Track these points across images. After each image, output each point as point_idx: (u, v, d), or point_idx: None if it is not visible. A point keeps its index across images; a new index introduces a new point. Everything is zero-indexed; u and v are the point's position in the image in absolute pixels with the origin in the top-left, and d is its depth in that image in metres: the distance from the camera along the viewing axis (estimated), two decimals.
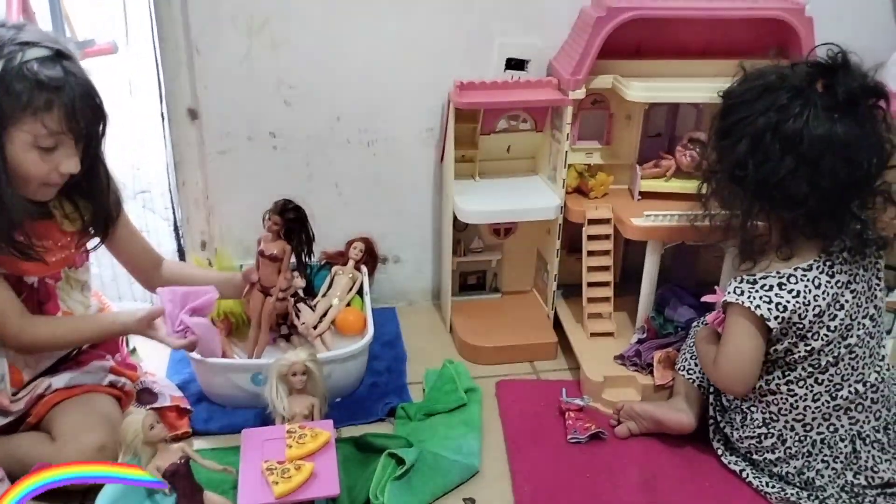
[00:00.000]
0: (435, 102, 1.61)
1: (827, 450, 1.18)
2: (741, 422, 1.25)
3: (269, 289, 1.42)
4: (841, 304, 1.15)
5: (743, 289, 1.16)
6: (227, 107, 1.56)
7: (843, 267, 1.16)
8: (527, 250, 1.76)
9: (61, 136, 1.10)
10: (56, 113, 1.07)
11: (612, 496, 1.21)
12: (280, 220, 1.38)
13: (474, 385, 1.47)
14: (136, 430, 1.13)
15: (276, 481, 1.05)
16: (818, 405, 1.18)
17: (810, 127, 1.08)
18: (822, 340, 1.15)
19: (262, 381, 1.31)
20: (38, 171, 1.10)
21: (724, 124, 1.18)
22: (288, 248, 1.40)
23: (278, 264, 1.40)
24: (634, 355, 1.45)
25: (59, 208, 1.22)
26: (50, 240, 1.21)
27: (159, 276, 1.40)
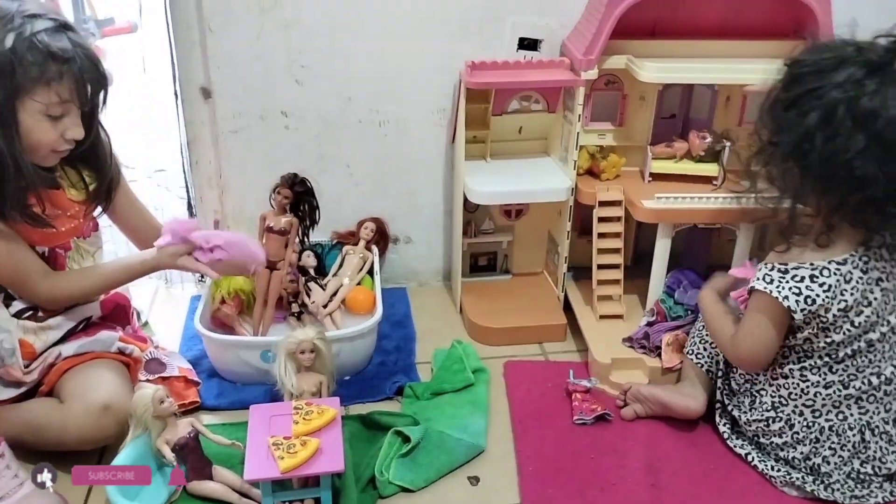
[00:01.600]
0: (447, 83, 1.60)
1: (835, 437, 1.17)
2: (749, 405, 1.24)
3: (276, 263, 1.43)
4: (869, 301, 1.13)
5: (773, 277, 1.14)
6: (239, 86, 1.57)
7: (878, 264, 1.13)
8: (538, 232, 1.75)
9: (69, 105, 1.14)
10: (66, 82, 1.12)
11: (617, 477, 1.21)
12: (290, 193, 1.40)
13: (482, 365, 1.47)
14: (146, 404, 1.15)
15: (282, 456, 1.07)
16: (829, 392, 1.17)
17: (886, 107, 1.03)
18: (844, 335, 1.13)
19: (271, 357, 1.32)
20: (47, 139, 1.15)
21: (790, 94, 1.10)
22: (296, 221, 1.42)
23: (286, 238, 1.42)
24: (643, 338, 1.44)
25: (64, 178, 1.25)
26: (60, 209, 1.24)
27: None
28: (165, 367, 1.37)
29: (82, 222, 1.29)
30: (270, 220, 1.43)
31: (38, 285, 1.22)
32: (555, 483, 1.20)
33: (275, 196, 1.42)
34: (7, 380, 1.23)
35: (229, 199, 1.68)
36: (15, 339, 1.20)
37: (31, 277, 1.22)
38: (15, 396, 1.24)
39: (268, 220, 1.43)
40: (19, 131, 1.11)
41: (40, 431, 1.20)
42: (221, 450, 1.20)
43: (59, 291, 1.25)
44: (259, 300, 1.47)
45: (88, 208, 1.29)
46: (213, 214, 1.71)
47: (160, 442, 1.16)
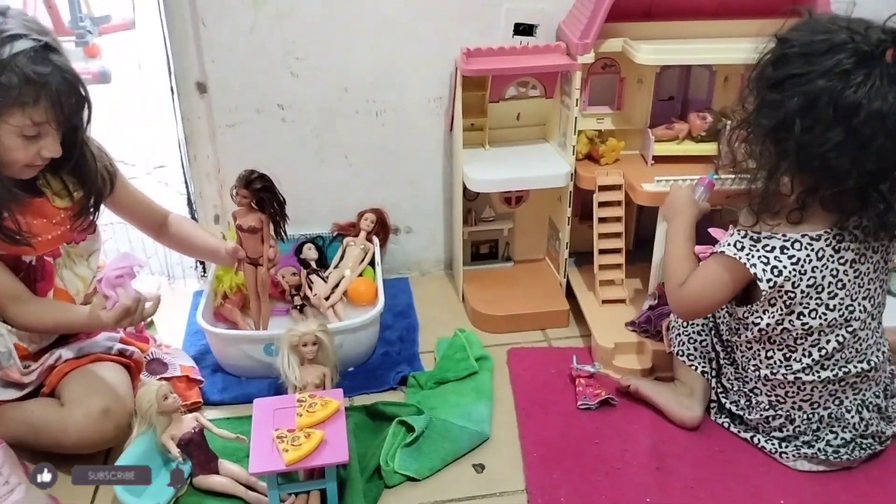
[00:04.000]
0: (443, 71, 1.60)
1: (835, 422, 1.18)
2: (746, 405, 1.24)
3: (258, 259, 1.44)
4: (843, 283, 1.12)
5: (744, 244, 1.13)
6: (234, 80, 1.56)
7: (853, 245, 1.11)
8: (538, 218, 1.75)
9: (45, 126, 1.13)
10: (42, 105, 1.10)
11: (622, 461, 1.21)
12: (247, 192, 1.39)
13: (486, 353, 1.47)
14: (150, 401, 1.16)
15: (287, 449, 1.07)
16: (824, 385, 1.17)
17: (870, 100, 0.99)
18: (821, 319, 1.12)
19: (274, 351, 1.33)
20: (22, 157, 1.14)
21: (778, 74, 1.07)
22: (264, 217, 1.41)
23: (259, 234, 1.42)
24: (645, 322, 1.44)
25: (47, 186, 1.24)
26: (44, 217, 1.23)
27: (166, 232, 1.45)
28: (167, 368, 1.37)
29: (69, 229, 1.27)
30: (239, 220, 1.42)
31: (7, 309, 1.21)
32: (560, 468, 1.20)
33: (234, 196, 1.41)
34: (7, 381, 1.23)
35: (228, 193, 1.68)
36: (10, 342, 1.21)
37: (2, 303, 1.21)
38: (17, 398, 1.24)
39: (238, 218, 1.43)
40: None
41: (40, 433, 1.21)
42: (227, 444, 1.21)
43: (24, 320, 1.22)
44: (252, 296, 1.48)
45: (75, 214, 1.27)
46: (213, 209, 1.71)
47: (165, 437, 1.17)
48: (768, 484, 1.17)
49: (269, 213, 1.41)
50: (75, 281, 1.33)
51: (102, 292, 1.15)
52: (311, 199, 1.69)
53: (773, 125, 1.08)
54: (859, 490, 1.15)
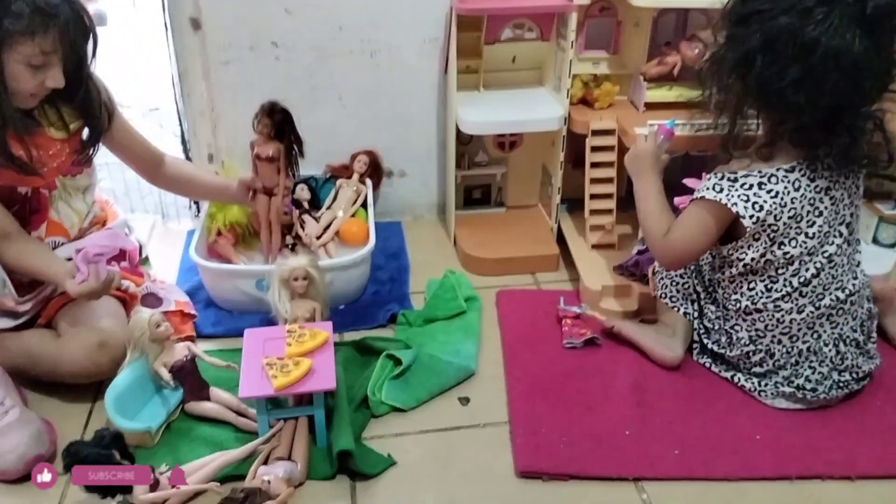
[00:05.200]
0: (438, 11, 1.58)
1: (813, 356, 1.20)
2: (727, 342, 1.26)
3: (272, 189, 1.47)
4: (819, 211, 1.14)
5: (723, 185, 1.14)
6: (228, 16, 1.55)
7: (825, 173, 1.14)
8: (532, 164, 1.75)
9: (51, 56, 1.14)
10: (51, 35, 1.12)
11: (604, 397, 1.24)
12: (269, 121, 1.42)
13: (474, 294, 1.49)
14: (142, 328, 1.18)
15: (276, 375, 1.09)
16: (803, 316, 1.19)
17: (828, 37, 1.02)
18: (801, 248, 1.15)
19: (265, 286, 1.34)
20: (28, 86, 1.15)
21: (744, 9, 1.10)
22: (282, 146, 1.44)
23: (276, 164, 1.44)
24: (633, 265, 1.45)
25: (44, 117, 1.25)
26: (41, 149, 1.24)
27: (163, 175, 1.45)
28: (162, 302, 1.39)
29: (65, 161, 1.28)
30: (258, 148, 1.44)
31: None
32: (542, 402, 1.23)
33: (256, 125, 1.44)
34: (1, 310, 1.25)
35: (222, 132, 1.68)
36: (3, 272, 1.22)
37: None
38: (13, 326, 1.27)
39: (256, 148, 1.45)
40: (4, 78, 1.13)
41: (37, 362, 1.24)
42: (218, 373, 1.23)
43: (4, 255, 1.23)
44: (263, 227, 1.50)
45: (72, 147, 1.28)
46: (207, 148, 1.71)
47: (158, 364, 1.19)
48: (746, 420, 1.20)
49: (286, 141, 1.44)
50: (70, 214, 1.34)
51: (76, 264, 1.16)
52: (304, 139, 1.69)
53: (736, 60, 1.11)
54: (834, 426, 1.18)
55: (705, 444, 1.15)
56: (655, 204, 1.25)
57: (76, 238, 1.35)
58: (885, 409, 1.22)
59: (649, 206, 1.26)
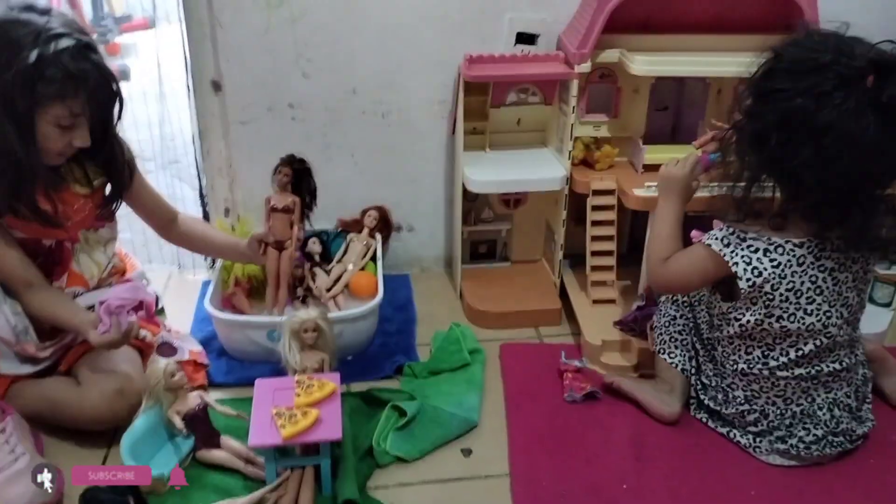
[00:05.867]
0: (447, 75, 1.67)
1: (807, 419, 1.23)
2: (723, 399, 1.29)
3: (284, 243, 1.52)
4: (821, 290, 1.16)
5: (731, 241, 1.18)
6: (248, 79, 1.64)
7: (833, 254, 1.15)
8: (536, 220, 1.81)
9: (80, 118, 1.22)
10: (80, 98, 1.20)
11: (603, 450, 1.27)
12: (290, 170, 1.48)
13: (479, 346, 1.54)
14: (158, 377, 1.23)
15: (284, 425, 1.13)
16: (797, 382, 1.22)
17: (842, 121, 1.03)
18: (799, 323, 1.17)
19: (276, 337, 1.39)
20: (56, 146, 1.23)
21: (764, 86, 1.12)
22: (298, 199, 1.50)
23: (290, 216, 1.50)
24: (632, 321, 1.50)
25: (69, 173, 1.32)
26: (66, 204, 1.31)
27: (175, 230, 1.52)
28: (176, 352, 1.43)
29: (88, 215, 1.35)
30: (274, 200, 1.51)
31: (19, 293, 1.29)
32: (543, 454, 1.26)
33: (276, 176, 1.50)
34: (23, 356, 1.30)
35: (239, 188, 1.76)
36: (26, 319, 1.28)
37: (13, 285, 1.28)
38: (34, 373, 1.32)
39: (272, 200, 1.51)
40: (35, 138, 1.20)
41: (58, 409, 1.29)
42: (229, 421, 1.27)
43: (30, 305, 1.29)
44: (271, 281, 1.54)
45: (95, 202, 1.35)
46: (224, 203, 1.78)
47: (171, 413, 1.24)
48: (741, 475, 1.22)
49: (303, 194, 1.50)
50: (91, 266, 1.40)
51: (99, 315, 1.22)
52: (318, 195, 1.76)
53: (753, 133, 1.14)
54: (827, 484, 1.21)
55: (701, 498, 1.18)
56: (669, 229, 1.30)
57: (95, 288, 1.41)
58: (878, 468, 1.24)
59: (663, 229, 1.31)
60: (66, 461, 1.24)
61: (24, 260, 1.29)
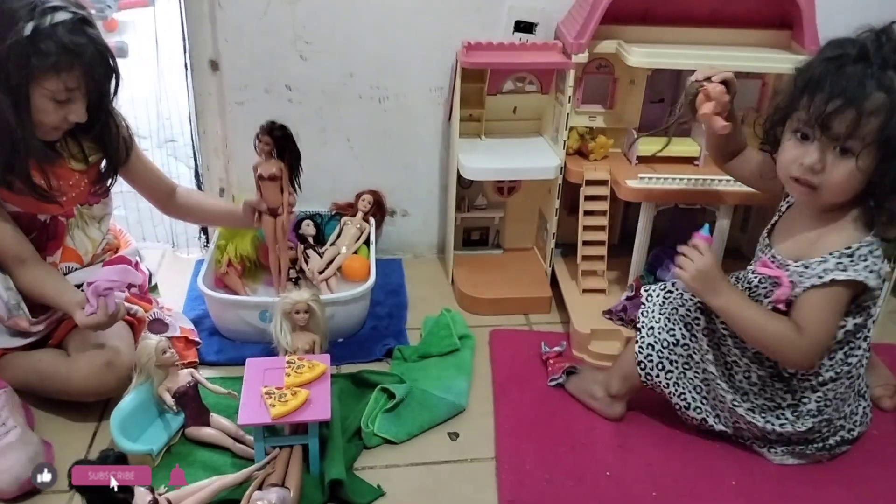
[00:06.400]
0: (444, 62, 1.67)
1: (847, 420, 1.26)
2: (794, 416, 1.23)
3: (276, 210, 1.50)
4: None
5: (845, 263, 1.11)
6: (246, 59, 1.64)
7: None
8: (529, 209, 1.83)
9: (76, 92, 1.22)
10: (76, 73, 1.20)
11: (587, 437, 1.29)
12: (269, 139, 1.45)
13: (469, 332, 1.55)
14: (149, 354, 1.24)
15: (274, 404, 1.15)
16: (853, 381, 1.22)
17: None
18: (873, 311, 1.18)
19: (268, 317, 1.41)
20: (51, 120, 1.23)
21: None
22: (284, 165, 1.47)
23: (279, 182, 1.47)
24: (621, 311, 1.50)
25: (65, 149, 1.32)
26: (61, 179, 1.31)
27: (174, 204, 1.53)
28: (167, 328, 1.45)
29: (83, 191, 1.36)
30: (260, 169, 1.47)
31: (10, 269, 1.29)
32: (528, 440, 1.28)
33: (257, 144, 1.47)
34: (15, 329, 1.31)
35: (234, 168, 1.76)
36: (18, 294, 1.29)
37: (5, 260, 1.29)
38: (25, 345, 1.33)
39: (259, 169, 1.48)
40: (30, 111, 1.20)
41: (47, 380, 1.30)
42: (219, 400, 1.29)
43: (21, 281, 1.29)
44: (271, 248, 1.53)
45: (91, 178, 1.36)
46: (219, 182, 1.79)
47: (162, 389, 1.25)
48: (722, 466, 1.24)
49: (287, 160, 1.47)
50: (85, 241, 1.41)
51: (87, 295, 1.22)
52: (312, 178, 1.75)
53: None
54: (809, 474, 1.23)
55: (682, 487, 1.20)
56: (758, 311, 1.17)
57: (89, 264, 1.42)
58: (861, 460, 1.26)
59: (753, 315, 1.16)
60: (56, 435, 1.26)
61: (18, 235, 1.29)
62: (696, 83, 1.25)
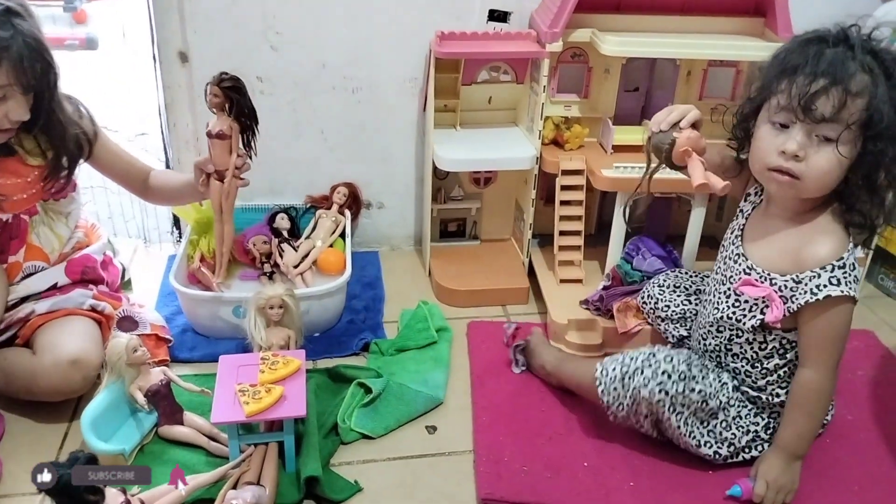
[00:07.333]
0: (418, 52, 1.65)
1: None
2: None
3: (224, 172, 1.39)
4: None
5: (839, 277, 1.08)
6: (215, 51, 1.61)
7: None
8: (506, 200, 1.82)
9: (9, 89, 1.16)
10: (5, 68, 1.14)
11: (564, 428, 1.29)
12: (217, 89, 1.33)
13: (446, 325, 1.54)
14: (119, 352, 1.21)
15: (248, 402, 1.13)
16: None
17: None
18: None
19: (242, 313, 1.39)
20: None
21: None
22: (235, 124, 1.36)
23: (228, 142, 1.36)
24: (598, 300, 1.51)
25: (20, 145, 1.27)
26: (17, 177, 1.27)
27: (149, 188, 1.48)
28: (137, 326, 1.41)
29: (44, 187, 1.31)
30: (210, 125, 1.37)
31: None
32: (506, 432, 1.27)
33: (206, 97, 1.35)
34: None
35: None
36: None
37: None
38: None
39: (209, 125, 1.37)
40: None
41: (11, 379, 1.27)
42: (192, 398, 1.27)
43: None
44: (216, 215, 1.43)
45: (46, 179, 1.30)
46: None
47: (133, 388, 1.23)
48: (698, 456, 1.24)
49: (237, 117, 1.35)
50: (51, 239, 1.38)
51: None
52: (286, 171, 1.75)
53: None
54: None
55: (660, 477, 1.20)
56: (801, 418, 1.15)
57: (56, 263, 1.39)
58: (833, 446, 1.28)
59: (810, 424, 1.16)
60: (26, 435, 1.24)
61: None
62: (664, 134, 1.13)
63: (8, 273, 1.33)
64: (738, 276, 1.18)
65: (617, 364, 1.20)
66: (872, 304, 1.70)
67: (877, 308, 1.69)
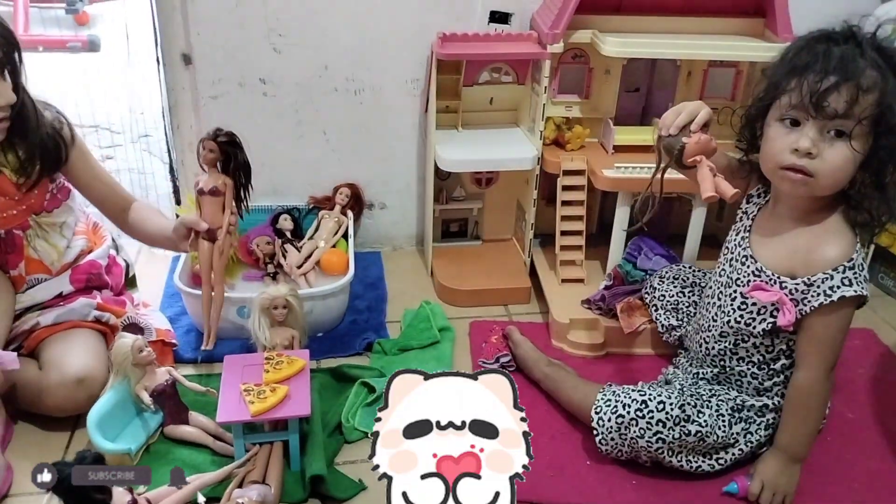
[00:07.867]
0: (420, 54, 1.66)
1: None
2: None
3: (216, 232, 1.30)
4: None
5: (850, 277, 1.08)
6: (219, 53, 1.62)
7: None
8: (507, 200, 1.83)
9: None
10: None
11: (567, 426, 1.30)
12: (214, 144, 1.27)
13: (448, 324, 1.55)
14: (125, 353, 1.22)
15: (252, 401, 1.14)
16: None
17: None
18: None
19: (246, 313, 1.40)
20: None
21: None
22: (229, 181, 1.30)
23: (221, 199, 1.30)
24: (600, 300, 1.52)
25: (6, 164, 1.26)
26: (3, 195, 1.26)
27: (127, 220, 1.43)
28: (143, 332, 1.39)
29: (33, 201, 1.30)
30: (201, 181, 1.30)
31: None
32: None
33: (200, 152, 1.29)
34: None
35: None
36: None
37: None
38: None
39: (200, 182, 1.31)
40: None
41: (18, 390, 1.26)
42: (197, 397, 1.28)
43: None
44: (204, 279, 1.33)
45: (35, 185, 1.29)
46: (194, 178, 1.76)
47: (139, 388, 1.24)
48: None
49: (233, 173, 1.29)
50: (49, 251, 1.36)
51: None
52: (289, 172, 1.76)
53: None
54: None
55: (661, 472, 1.21)
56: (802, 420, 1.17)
57: (58, 273, 1.38)
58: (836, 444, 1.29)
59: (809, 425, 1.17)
60: (32, 435, 1.25)
61: None
62: (673, 138, 1.11)
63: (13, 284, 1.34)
64: (746, 279, 1.18)
65: (611, 413, 1.19)
66: (872, 302, 1.67)
67: (877, 307, 1.70)
